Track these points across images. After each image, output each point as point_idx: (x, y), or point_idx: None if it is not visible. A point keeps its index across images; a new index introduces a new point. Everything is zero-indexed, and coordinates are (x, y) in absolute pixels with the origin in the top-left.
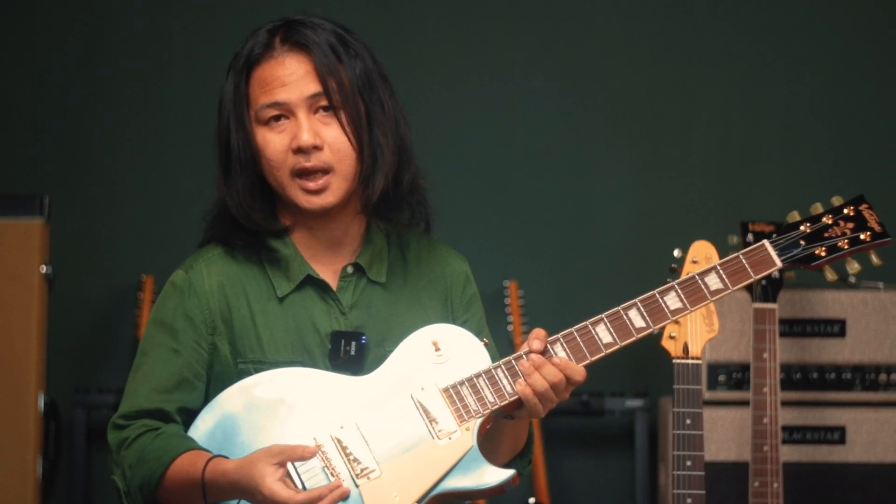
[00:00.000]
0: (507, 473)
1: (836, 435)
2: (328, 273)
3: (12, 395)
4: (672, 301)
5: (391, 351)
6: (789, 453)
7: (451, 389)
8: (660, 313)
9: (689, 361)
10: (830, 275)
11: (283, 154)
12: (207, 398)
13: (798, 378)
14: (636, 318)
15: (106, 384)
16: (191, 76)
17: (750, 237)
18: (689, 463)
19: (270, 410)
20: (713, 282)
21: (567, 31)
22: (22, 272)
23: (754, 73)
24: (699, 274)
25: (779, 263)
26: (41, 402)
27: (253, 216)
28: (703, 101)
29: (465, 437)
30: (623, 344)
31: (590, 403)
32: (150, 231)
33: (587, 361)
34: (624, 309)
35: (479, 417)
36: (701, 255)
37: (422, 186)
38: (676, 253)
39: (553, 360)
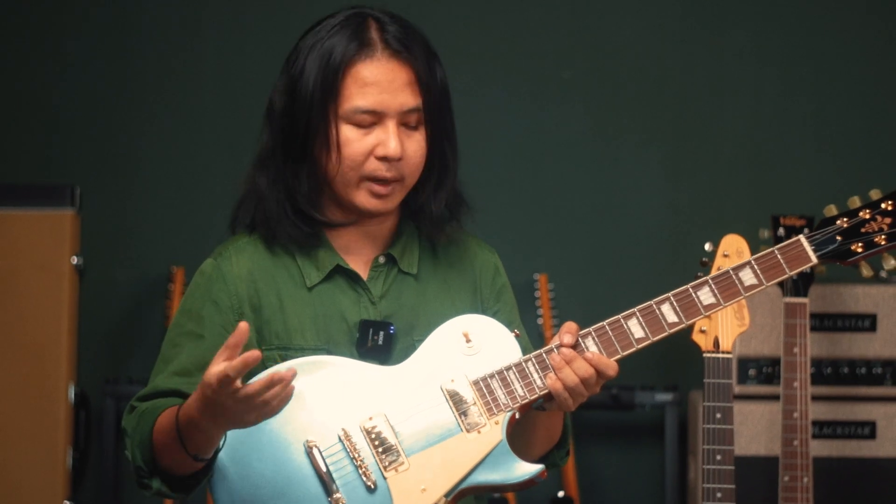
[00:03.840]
0: (536, 468)
1: (867, 430)
2: (359, 263)
3: (43, 385)
4: (705, 296)
5: (420, 341)
6: (819, 448)
7: (480, 382)
8: (693, 308)
9: (720, 355)
10: (866, 271)
11: (363, 156)
12: None
13: (828, 373)
14: (669, 313)
15: (136, 375)
16: (222, 67)
17: (781, 231)
18: (718, 457)
19: (298, 398)
20: (747, 277)
21: (597, 23)
22: (53, 263)
23: (784, 65)
24: (733, 269)
25: (814, 259)
26: (72, 393)
27: (317, 207)
28: (734, 93)
29: (495, 430)
30: (655, 339)
31: (620, 397)
32: (181, 222)
33: (619, 356)
34: (657, 303)
35: (508, 411)
36: (732, 248)
37: (463, 196)
38: (707, 247)
39: (584, 355)
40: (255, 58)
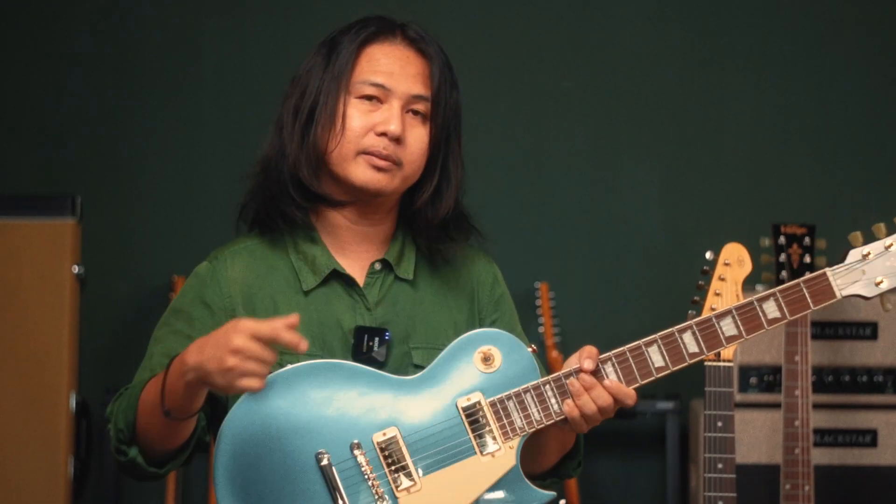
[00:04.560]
0: (548, 496)
1: (868, 438)
2: (355, 269)
3: (44, 394)
4: (728, 327)
5: (416, 349)
6: (820, 456)
7: (497, 404)
8: (714, 339)
9: (721, 364)
10: (890, 305)
11: (362, 130)
12: None
13: (829, 381)
14: (690, 343)
15: None
16: (221, 77)
17: (782, 239)
18: (720, 465)
19: (311, 404)
20: (771, 309)
21: (598, 33)
22: (54, 272)
23: (785, 74)
24: (757, 300)
25: (839, 296)
26: (73, 402)
27: (318, 178)
28: (735, 102)
29: (509, 455)
30: (674, 369)
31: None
32: (182, 231)
33: (637, 384)
34: (679, 332)
35: (523, 436)
36: (733, 257)
37: (468, 218)
38: (708, 255)
39: (604, 383)
40: (255, 71)
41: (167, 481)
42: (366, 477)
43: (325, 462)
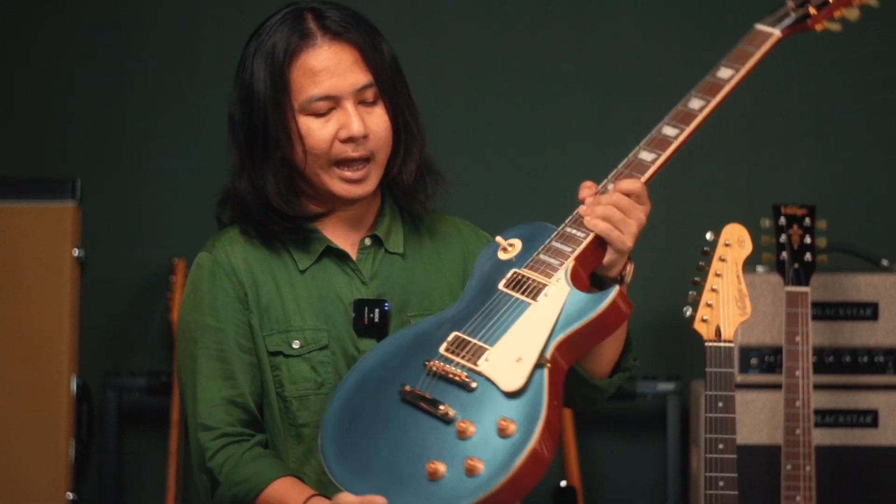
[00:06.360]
0: (611, 290)
1: (869, 418)
2: (346, 246)
3: (45, 378)
4: (694, 103)
5: (413, 317)
6: (821, 437)
7: (531, 262)
8: (687, 117)
9: (722, 344)
10: (834, 26)
11: (328, 143)
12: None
13: (830, 361)
14: (669, 130)
15: (138, 367)
16: (222, 59)
17: (782, 220)
18: (721, 446)
19: (381, 368)
20: (724, 73)
21: (596, 12)
22: (54, 255)
23: (785, 55)
24: (710, 73)
25: (778, 33)
26: (74, 385)
27: (292, 203)
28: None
29: (559, 285)
30: (667, 156)
31: (622, 387)
32: (182, 214)
33: (641, 179)
34: (656, 130)
35: (562, 267)
36: (734, 237)
37: (434, 165)
38: (709, 236)
39: (609, 188)
40: None
41: (168, 460)
42: (446, 374)
43: (407, 388)
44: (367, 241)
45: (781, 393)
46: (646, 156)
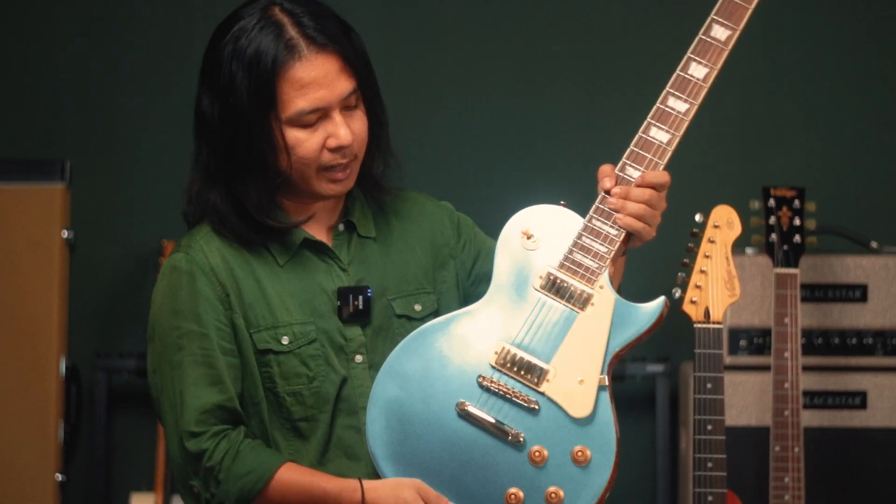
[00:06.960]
0: (658, 302)
1: (858, 400)
2: (321, 235)
3: (34, 359)
4: (697, 70)
5: (393, 299)
6: (810, 418)
7: (565, 263)
8: (693, 87)
9: (711, 326)
10: None
11: (316, 153)
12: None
13: (819, 343)
14: (676, 104)
15: (127, 349)
16: None
17: (772, 202)
18: (709, 427)
19: (425, 378)
20: (718, 33)
21: None
22: (43, 237)
23: (775, 36)
24: (701, 34)
25: None
26: (63, 367)
27: (273, 216)
28: (726, 65)
29: (605, 293)
30: (679, 134)
31: None
32: (172, 196)
33: (662, 165)
34: (661, 102)
35: (603, 272)
36: (723, 219)
37: (392, 149)
38: (698, 217)
39: (636, 182)
40: None
41: (157, 442)
42: (506, 395)
43: (468, 408)
44: (341, 227)
45: (770, 374)
46: (661, 136)
